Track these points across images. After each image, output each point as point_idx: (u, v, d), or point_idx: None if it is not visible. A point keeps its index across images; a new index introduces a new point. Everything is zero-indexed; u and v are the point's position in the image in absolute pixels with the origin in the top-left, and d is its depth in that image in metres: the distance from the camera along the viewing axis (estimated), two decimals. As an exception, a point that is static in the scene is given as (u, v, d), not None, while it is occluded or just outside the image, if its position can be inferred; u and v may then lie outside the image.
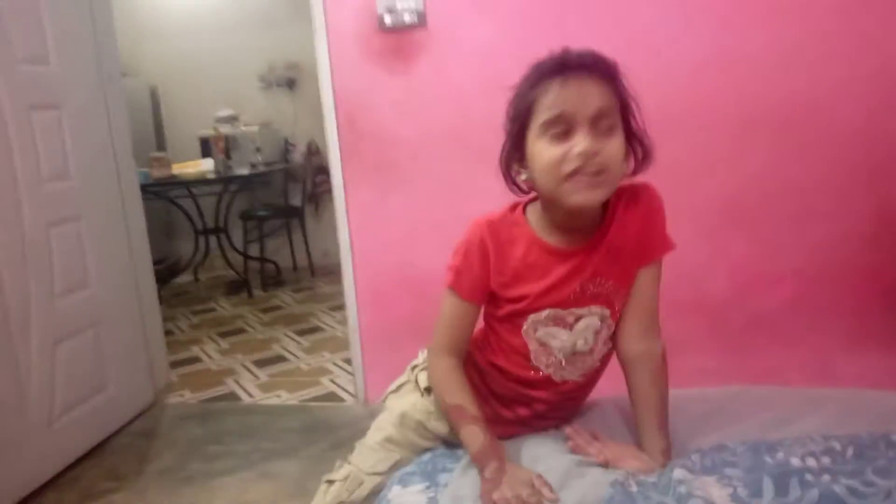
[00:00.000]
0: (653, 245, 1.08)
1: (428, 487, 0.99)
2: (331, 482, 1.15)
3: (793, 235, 2.12)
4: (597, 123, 0.95)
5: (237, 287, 4.51)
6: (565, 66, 0.97)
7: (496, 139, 1.08)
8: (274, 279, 4.69)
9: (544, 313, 1.05)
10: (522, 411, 1.12)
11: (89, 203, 2.38)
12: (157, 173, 4.12)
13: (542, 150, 0.97)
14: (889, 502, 0.82)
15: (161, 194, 4.30)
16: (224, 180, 4.32)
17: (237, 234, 4.70)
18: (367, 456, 1.15)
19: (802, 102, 2.05)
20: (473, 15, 2.17)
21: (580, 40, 1.06)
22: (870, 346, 2.12)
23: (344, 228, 2.43)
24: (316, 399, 2.69)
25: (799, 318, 2.15)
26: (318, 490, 1.16)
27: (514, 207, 1.09)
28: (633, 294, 1.07)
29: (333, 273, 4.69)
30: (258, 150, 4.49)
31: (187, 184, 4.27)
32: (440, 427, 1.14)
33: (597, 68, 0.98)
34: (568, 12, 2.11)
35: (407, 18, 2.18)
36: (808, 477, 0.87)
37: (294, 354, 3.23)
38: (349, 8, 2.25)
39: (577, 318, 1.04)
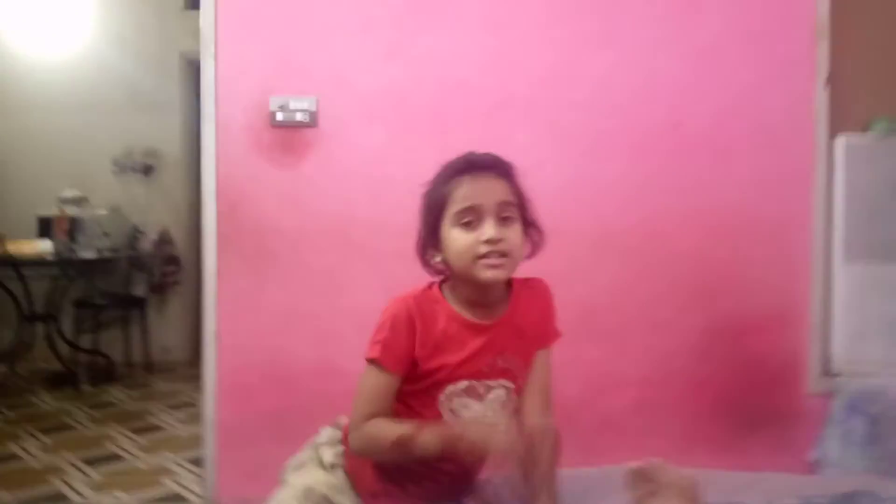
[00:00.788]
0: (548, 330, 1.22)
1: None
2: None
3: (638, 344, 2.36)
4: (500, 214, 1.13)
5: (62, 380, 4.09)
6: (472, 165, 1.17)
7: (378, 237, 1.20)
8: (105, 374, 4.31)
9: (462, 384, 1.12)
10: (430, 485, 1.15)
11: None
12: (-13, 250, 3.76)
13: (457, 237, 1.12)
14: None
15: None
16: (64, 263, 4.01)
17: (68, 322, 4.32)
18: None
19: (648, 227, 2.35)
20: (364, 120, 2.31)
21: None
22: (701, 449, 2.35)
23: (211, 317, 2.35)
24: (158, 500, 2.48)
25: (642, 420, 2.35)
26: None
27: (430, 286, 1.17)
28: (533, 374, 1.18)
29: (172, 371, 4.42)
30: (106, 234, 4.25)
31: (22, 264, 3.91)
32: (345, 501, 1.14)
33: (498, 167, 1.19)
34: (451, 129, 2.31)
35: (299, 117, 2.27)
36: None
37: (130, 453, 2.97)
38: (241, 101, 2.30)
39: (488, 390, 1.12)
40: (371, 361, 1.14)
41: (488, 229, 1.10)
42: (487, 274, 1.10)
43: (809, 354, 2.36)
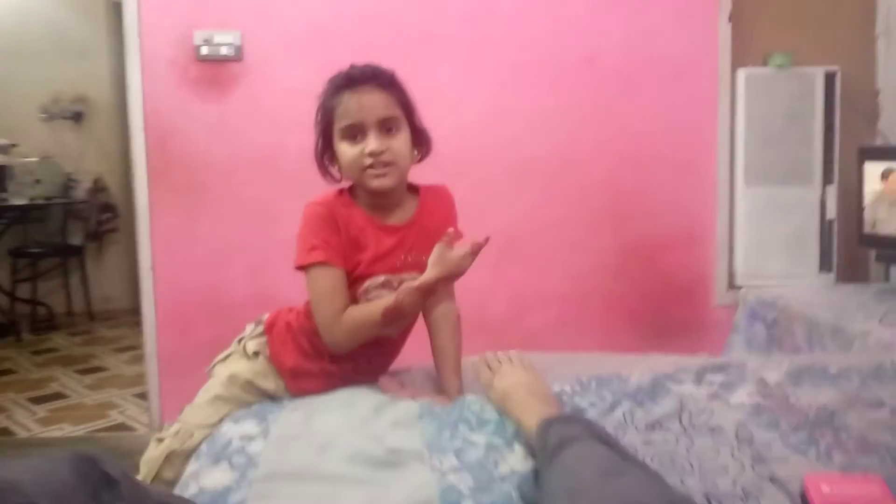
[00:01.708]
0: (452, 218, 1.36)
1: (259, 423, 1.10)
2: (161, 440, 1.20)
3: (557, 265, 2.53)
4: (383, 126, 1.20)
5: (2, 330, 4.07)
6: (353, 79, 1.22)
7: (307, 167, 1.29)
8: (46, 323, 4.30)
9: (378, 279, 1.24)
10: (348, 366, 1.27)
11: None
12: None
13: (345, 150, 1.22)
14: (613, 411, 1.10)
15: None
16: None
17: (4, 272, 4.28)
18: (196, 412, 1.22)
19: (564, 156, 2.49)
20: (289, 56, 2.36)
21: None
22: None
23: (146, 252, 2.42)
24: (104, 430, 2.56)
25: (562, 335, 2.53)
26: (149, 446, 1.21)
27: (340, 193, 1.27)
28: None
29: (115, 318, 4.44)
30: (37, 182, 4.18)
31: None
32: (268, 384, 1.26)
33: (378, 78, 1.23)
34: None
35: (224, 51, 2.31)
36: (564, 397, 1.13)
37: (75, 391, 3.03)
38: (165, 36, 2.33)
39: (401, 283, 1.24)
40: (317, 265, 1.20)
41: (370, 142, 1.18)
42: (374, 183, 1.20)
43: (715, 270, 2.57)
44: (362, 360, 1.29)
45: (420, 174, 2.43)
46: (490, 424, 1.07)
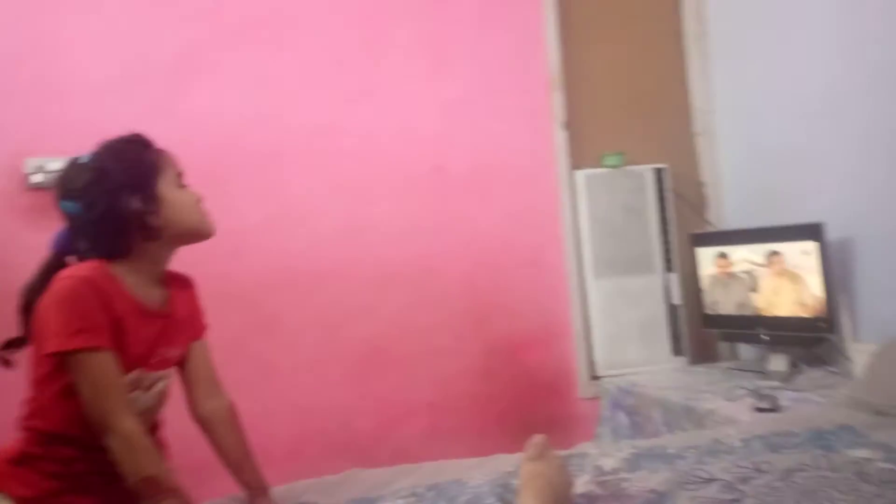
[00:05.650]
0: (200, 321, 1.33)
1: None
2: None
3: (423, 373, 2.49)
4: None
5: None
6: (149, 140, 1.26)
7: None
8: None
9: (130, 376, 1.12)
10: (94, 479, 1.12)
11: None
12: None
13: (183, 197, 1.23)
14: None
15: None
16: None
17: None
18: None
19: (422, 263, 2.52)
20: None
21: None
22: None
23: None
24: None
25: (435, 445, 2.46)
26: None
27: (94, 267, 1.13)
28: (192, 364, 1.28)
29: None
30: None
31: None
32: None
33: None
34: (225, 182, 2.33)
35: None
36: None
37: None
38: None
39: (154, 381, 1.16)
40: (83, 350, 1.05)
41: (194, 190, 1.26)
42: (213, 226, 1.26)
43: (576, 363, 2.62)
44: (110, 468, 1.07)
45: (274, 284, 2.39)
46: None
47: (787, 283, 2.19)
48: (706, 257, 2.49)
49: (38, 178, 2.20)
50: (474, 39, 2.63)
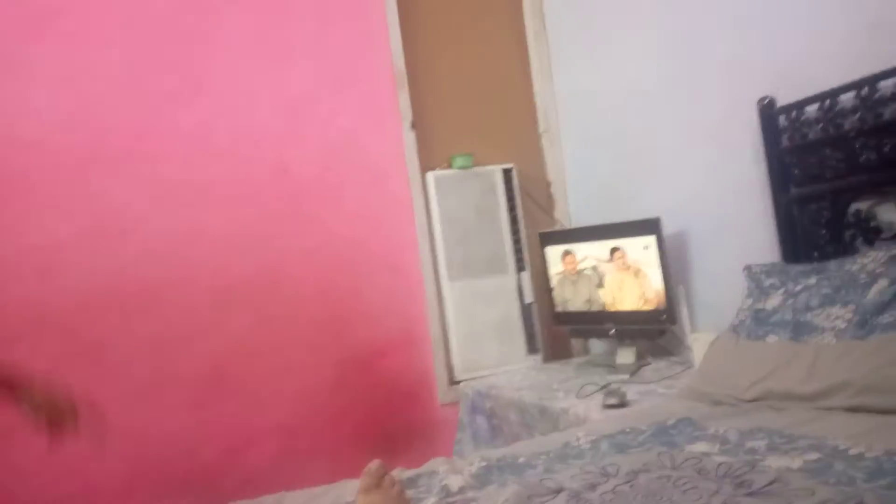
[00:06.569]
0: None
1: None
2: None
3: (273, 391, 2.33)
4: None
5: None
6: None
7: None
8: None
9: None
10: None
11: None
12: None
13: None
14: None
15: None
16: None
17: None
18: None
19: (269, 272, 2.35)
20: None
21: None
22: (350, 477, 2.37)
23: None
24: None
25: (287, 469, 2.30)
26: None
27: None
28: None
29: None
30: None
31: None
32: None
33: None
34: (36, 188, 2.08)
35: None
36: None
37: None
38: None
39: None
40: None
41: None
42: None
43: (435, 368, 2.56)
44: None
45: (94, 306, 2.13)
46: None
47: (631, 278, 2.25)
48: (554, 256, 2.51)
49: None
50: (315, 32, 2.50)
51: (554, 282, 2.52)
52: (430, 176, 2.58)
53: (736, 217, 2.07)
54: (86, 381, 2.09)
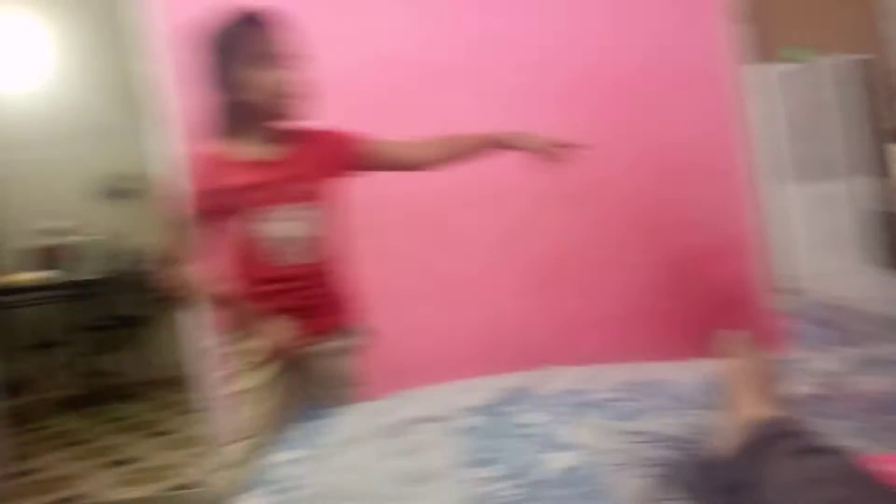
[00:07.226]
0: (344, 144, 1.54)
1: (300, 449, 1.13)
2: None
3: (597, 286, 2.50)
4: (286, 59, 1.39)
5: (76, 403, 4.25)
6: (255, 16, 1.38)
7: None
8: (116, 392, 4.45)
9: (265, 210, 1.37)
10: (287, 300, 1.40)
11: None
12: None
13: (262, 77, 1.37)
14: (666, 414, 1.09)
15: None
16: (63, 285, 4.19)
17: (81, 346, 4.49)
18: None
19: (593, 176, 2.42)
20: (318, 101, 2.45)
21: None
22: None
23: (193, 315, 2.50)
24: (170, 489, 2.64)
25: (612, 359, 2.48)
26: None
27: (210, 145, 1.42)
28: (390, 148, 1.61)
29: (178, 385, 4.57)
30: (100, 258, 4.40)
31: (23, 290, 4.10)
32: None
33: (275, 17, 1.40)
34: (395, 99, 2.42)
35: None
36: (609, 403, 1.13)
37: (145, 455, 3.14)
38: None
39: (290, 212, 1.39)
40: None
41: (285, 73, 1.37)
42: (290, 110, 1.40)
43: (758, 275, 2.51)
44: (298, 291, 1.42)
45: (456, 198, 2.46)
46: (531, 436, 1.07)
47: None
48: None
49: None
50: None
51: (907, 186, 2.27)
52: (756, 71, 2.45)
53: None
54: (446, 262, 2.50)
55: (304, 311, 1.41)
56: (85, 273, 4.31)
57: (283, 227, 1.38)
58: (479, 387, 1.34)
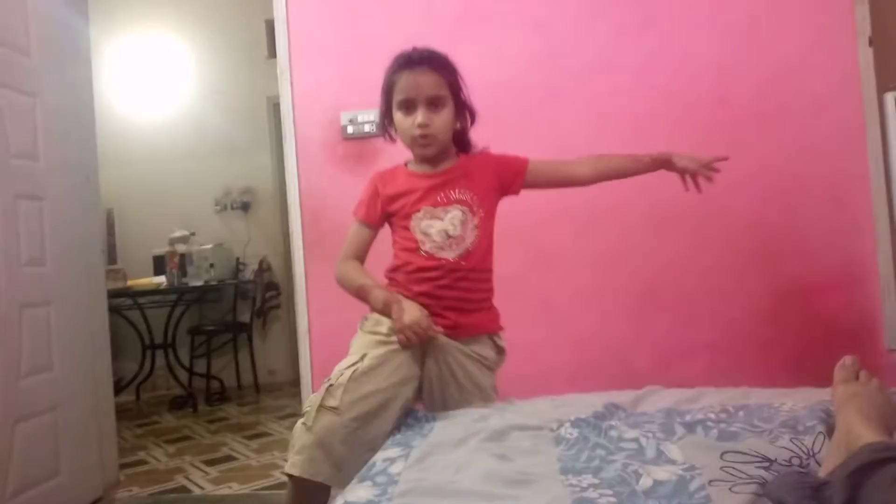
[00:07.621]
0: (509, 165, 1.68)
1: (401, 448, 1.16)
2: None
3: (704, 312, 2.43)
4: (431, 103, 1.51)
5: (181, 403, 4.50)
6: (410, 60, 1.53)
7: None
8: (219, 395, 4.69)
9: (424, 211, 1.56)
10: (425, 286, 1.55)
11: (59, 290, 2.51)
12: (111, 285, 4.22)
13: (400, 120, 1.56)
14: (768, 436, 1.05)
15: (113, 309, 4.37)
16: (177, 290, 4.46)
17: (184, 350, 4.76)
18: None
19: (700, 198, 2.42)
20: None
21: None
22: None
23: (303, 317, 2.61)
24: (267, 488, 2.73)
25: (715, 384, 2.39)
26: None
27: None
28: (547, 169, 1.73)
29: (279, 390, 4.77)
30: (212, 266, 4.67)
31: (141, 294, 4.39)
32: (381, 328, 1.56)
33: (431, 62, 1.54)
34: (504, 122, 2.47)
35: (367, 128, 2.52)
36: (710, 423, 1.09)
37: (243, 455, 3.26)
38: (316, 121, 2.59)
39: (445, 213, 1.55)
40: (354, 217, 1.68)
41: (419, 116, 1.50)
42: (418, 151, 1.57)
43: (883, 311, 2.35)
44: (442, 281, 1.55)
45: (554, 220, 2.47)
46: (627, 450, 1.05)
47: None
48: None
49: (350, 130, 2.53)
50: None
51: None
52: (890, 97, 2.32)
53: None
54: (542, 284, 2.50)
55: (441, 303, 1.53)
56: (198, 279, 4.58)
57: (435, 223, 1.54)
58: (579, 402, 1.33)
